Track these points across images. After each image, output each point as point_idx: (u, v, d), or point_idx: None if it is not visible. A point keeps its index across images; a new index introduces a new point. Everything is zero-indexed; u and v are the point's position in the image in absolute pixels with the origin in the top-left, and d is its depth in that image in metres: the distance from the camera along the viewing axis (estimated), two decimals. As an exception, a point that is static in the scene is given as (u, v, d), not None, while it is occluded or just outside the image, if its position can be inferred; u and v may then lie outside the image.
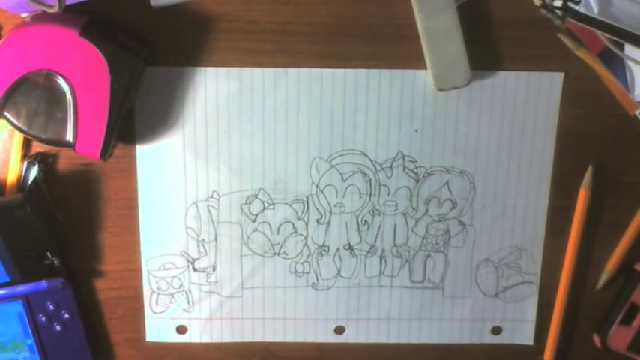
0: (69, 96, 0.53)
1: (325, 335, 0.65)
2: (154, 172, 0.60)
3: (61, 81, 0.52)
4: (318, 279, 0.64)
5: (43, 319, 0.60)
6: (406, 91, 0.59)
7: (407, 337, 0.66)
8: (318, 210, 0.62)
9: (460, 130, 0.60)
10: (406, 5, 0.56)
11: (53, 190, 0.60)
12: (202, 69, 0.58)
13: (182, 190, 0.61)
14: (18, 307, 0.59)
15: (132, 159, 0.60)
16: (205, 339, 0.65)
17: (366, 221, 0.62)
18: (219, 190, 0.61)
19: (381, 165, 0.61)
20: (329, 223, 0.62)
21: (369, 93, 0.59)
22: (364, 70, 0.59)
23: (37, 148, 0.59)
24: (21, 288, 0.58)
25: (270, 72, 0.58)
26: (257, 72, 0.58)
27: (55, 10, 0.47)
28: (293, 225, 0.62)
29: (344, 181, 0.61)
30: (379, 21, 0.57)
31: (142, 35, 0.56)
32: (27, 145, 0.59)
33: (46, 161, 0.59)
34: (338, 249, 0.63)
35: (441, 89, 0.58)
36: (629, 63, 0.58)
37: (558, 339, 0.65)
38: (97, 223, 0.61)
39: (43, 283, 0.58)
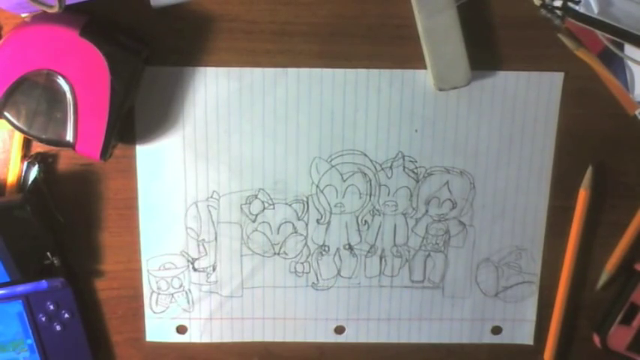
0: (69, 96, 0.53)
1: (325, 335, 0.65)
2: (154, 172, 0.60)
3: (61, 81, 0.52)
4: (318, 279, 0.64)
5: (43, 319, 0.60)
6: (406, 91, 0.59)
7: (407, 337, 0.66)
8: (318, 210, 0.62)
9: (460, 130, 0.60)
10: (406, 5, 0.56)
11: (53, 190, 0.60)
12: (202, 69, 0.58)
13: (182, 190, 0.61)
14: (18, 307, 0.59)
15: (132, 159, 0.60)
16: (205, 339, 0.65)
17: (366, 221, 0.62)
18: (219, 190, 0.61)
19: (381, 165, 0.61)
20: (329, 223, 0.62)
21: (369, 93, 0.59)
22: (364, 70, 0.59)
23: (37, 148, 0.59)
24: (21, 288, 0.58)
25: (270, 72, 0.58)
26: (257, 72, 0.58)
27: (55, 10, 0.47)
28: (293, 225, 0.62)
29: (344, 181, 0.61)
30: (379, 21, 0.57)
31: (142, 35, 0.56)
32: (27, 145, 0.59)
33: (46, 161, 0.59)
34: (338, 249, 0.63)
35: (441, 89, 0.58)
36: (629, 63, 0.58)
37: (558, 339, 0.65)
38: (97, 223, 0.61)
39: (43, 283, 0.58)
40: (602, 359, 0.66)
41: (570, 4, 0.53)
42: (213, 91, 0.59)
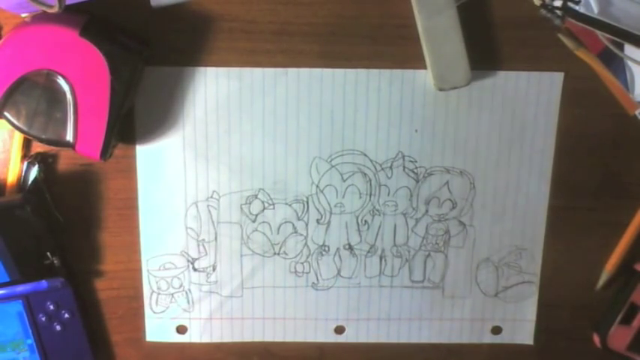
0: (69, 96, 0.53)
1: (325, 335, 0.65)
2: (154, 172, 0.60)
3: (61, 81, 0.52)
4: (318, 279, 0.64)
5: (43, 319, 0.60)
6: (406, 91, 0.59)
7: (407, 337, 0.66)
8: (318, 210, 0.62)
9: (460, 130, 0.60)
10: (406, 5, 0.57)
11: (53, 190, 0.60)
12: (202, 69, 0.58)
13: (182, 190, 0.61)
14: (18, 307, 0.59)
15: (132, 159, 0.60)
16: (205, 339, 0.65)
17: (366, 221, 0.62)
18: (219, 190, 0.61)
19: (381, 165, 0.61)
20: (329, 223, 0.62)
21: (369, 93, 0.59)
22: (364, 70, 0.59)
23: (37, 148, 0.59)
24: (21, 288, 0.58)
25: (270, 72, 0.58)
26: (257, 72, 0.58)
27: (55, 10, 0.47)
28: (293, 225, 0.62)
29: (344, 181, 0.61)
30: (379, 21, 0.57)
31: (142, 35, 0.56)
32: (27, 145, 0.59)
33: (46, 161, 0.59)
34: (338, 249, 0.63)
35: (441, 89, 0.58)
36: (629, 63, 0.58)
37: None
38: (97, 223, 0.61)
39: (43, 283, 0.58)
40: (602, 359, 0.66)
41: (570, 4, 0.53)
42: (213, 91, 0.59)
